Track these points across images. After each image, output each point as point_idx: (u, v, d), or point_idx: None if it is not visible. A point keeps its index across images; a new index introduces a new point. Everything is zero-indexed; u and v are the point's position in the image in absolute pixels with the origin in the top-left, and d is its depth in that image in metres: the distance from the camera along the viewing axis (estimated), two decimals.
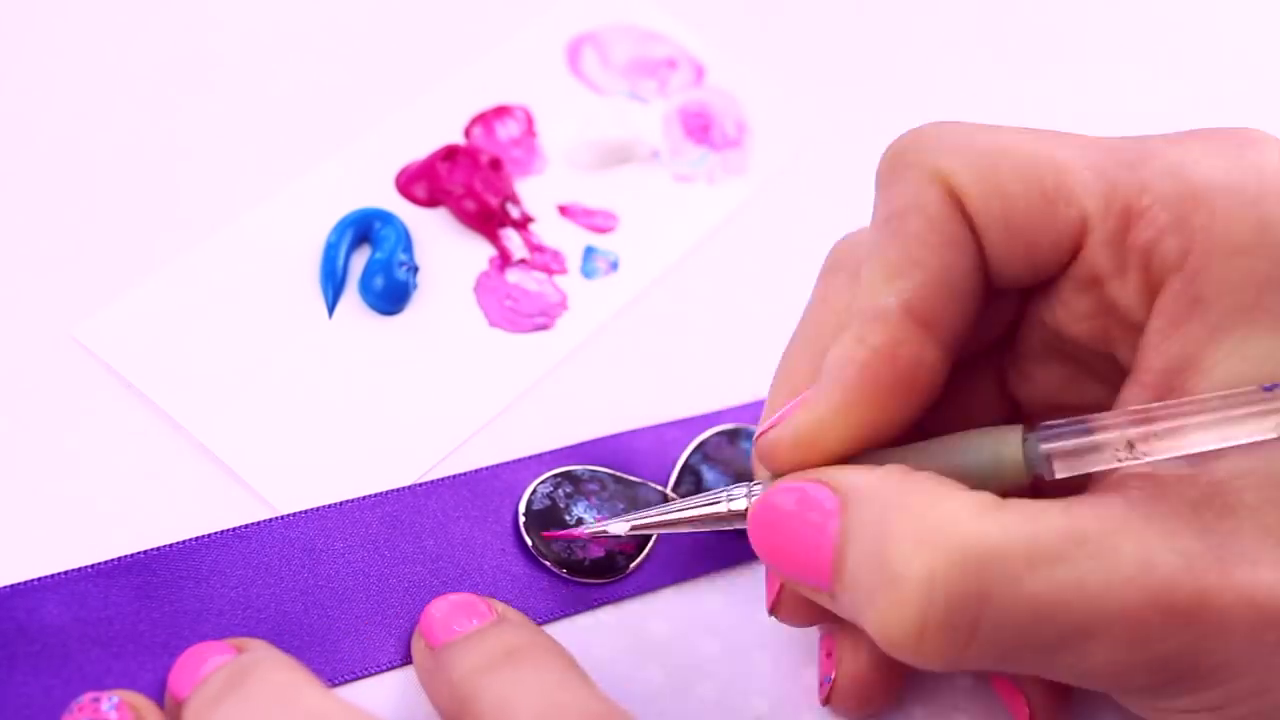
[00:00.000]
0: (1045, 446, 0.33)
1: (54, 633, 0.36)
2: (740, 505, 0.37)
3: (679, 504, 0.38)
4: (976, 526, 0.31)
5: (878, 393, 0.34)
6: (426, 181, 0.46)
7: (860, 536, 0.32)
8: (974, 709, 0.40)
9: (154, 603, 0.37)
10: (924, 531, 0.31)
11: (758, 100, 0.51)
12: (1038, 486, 0.34)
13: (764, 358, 0.45)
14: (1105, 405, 0.34)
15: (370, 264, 0.44)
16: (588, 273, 0.46)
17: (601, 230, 0.47)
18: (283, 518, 0.39)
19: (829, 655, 0.39)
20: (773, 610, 0.38)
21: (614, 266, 0.46)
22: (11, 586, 0.36)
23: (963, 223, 0.34)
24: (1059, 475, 0.33)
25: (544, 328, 0.45)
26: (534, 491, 0.41)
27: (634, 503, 0.41)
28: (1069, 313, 0.35)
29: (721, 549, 0.41)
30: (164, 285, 0.43)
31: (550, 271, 0.46)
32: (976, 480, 0.33)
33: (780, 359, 0.39)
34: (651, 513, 0.38)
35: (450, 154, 0.46)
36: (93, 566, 0.37)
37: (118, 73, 0.46)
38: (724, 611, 0.41)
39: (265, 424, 0.41)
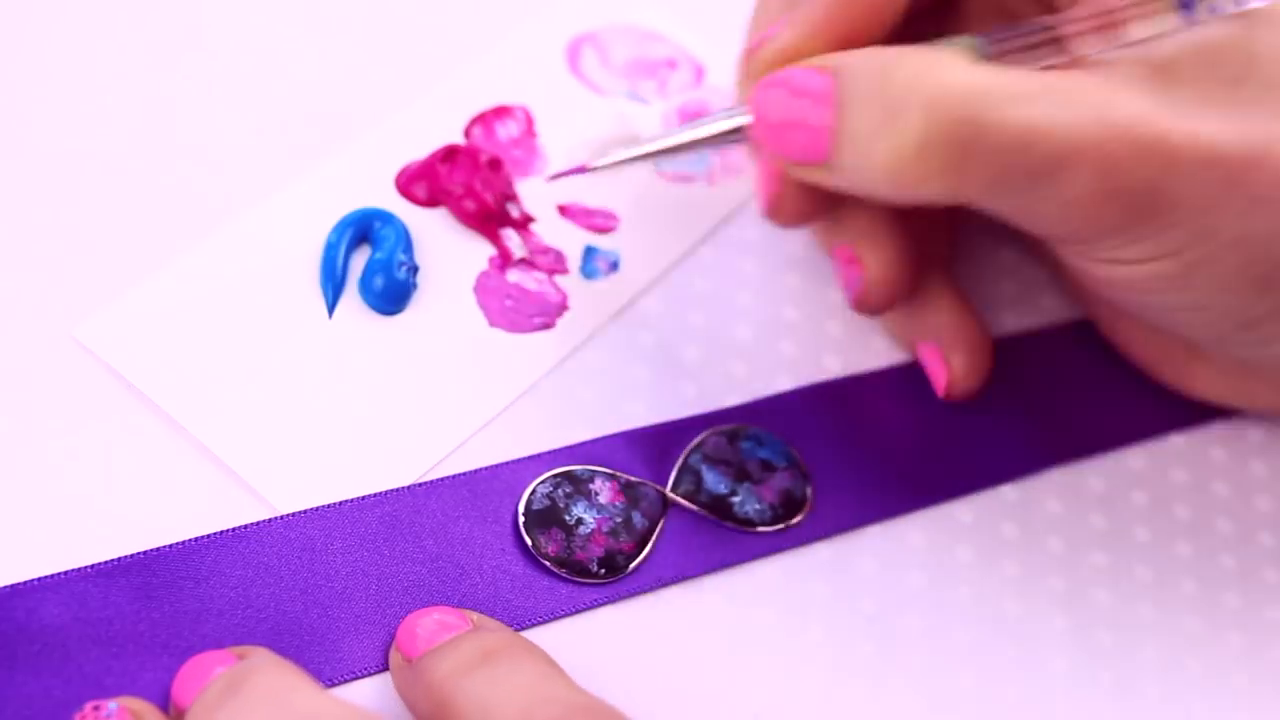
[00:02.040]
0: (995, 47, 0.38)
1: (54, 633, 0.36)
2: (736, 120, 0.41)
3: (676, 130, 0.42)
4: (966, 69, 0.36)
5: (858, 2, 0.39)
6: (426, 181, 0.46)
7: (858, 93, 0.37)
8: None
9: (154, 603, 0.37)
10: (919, 73, 0.36)
11: None
12: None
13: (764, 358, 0.45)
14: None
15: (370, 264, 0.44)
16: (588, 273, 0.46)
17: (601, 230, 0.47)
18: (283, 518, 0.39)
19: (849, 261, 0.43)
20: (770, 212, 0.42)
21: (614, 266, 0.46)
22: (11, 586, 0.36)
23: None
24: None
25: (544, 328, 0.45)
26: (534, 491, 0.41)
27: (634, 503, 0.41)
28: None
29: (721, 549, 0.41)
30: (164, 285, 0.43)
31: (550, 271, 0.46)
32: None
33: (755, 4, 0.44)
34: (654, 140, 0.42)
35: (450, 154, 0.46)
36: (93, 566, 0.37)
37: (117, 72, 0.46)
38: (724, 611, 0.41)
39: (265, 424, 0.41)
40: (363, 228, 0.44)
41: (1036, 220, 0.38)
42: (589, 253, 0.46)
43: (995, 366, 0.45)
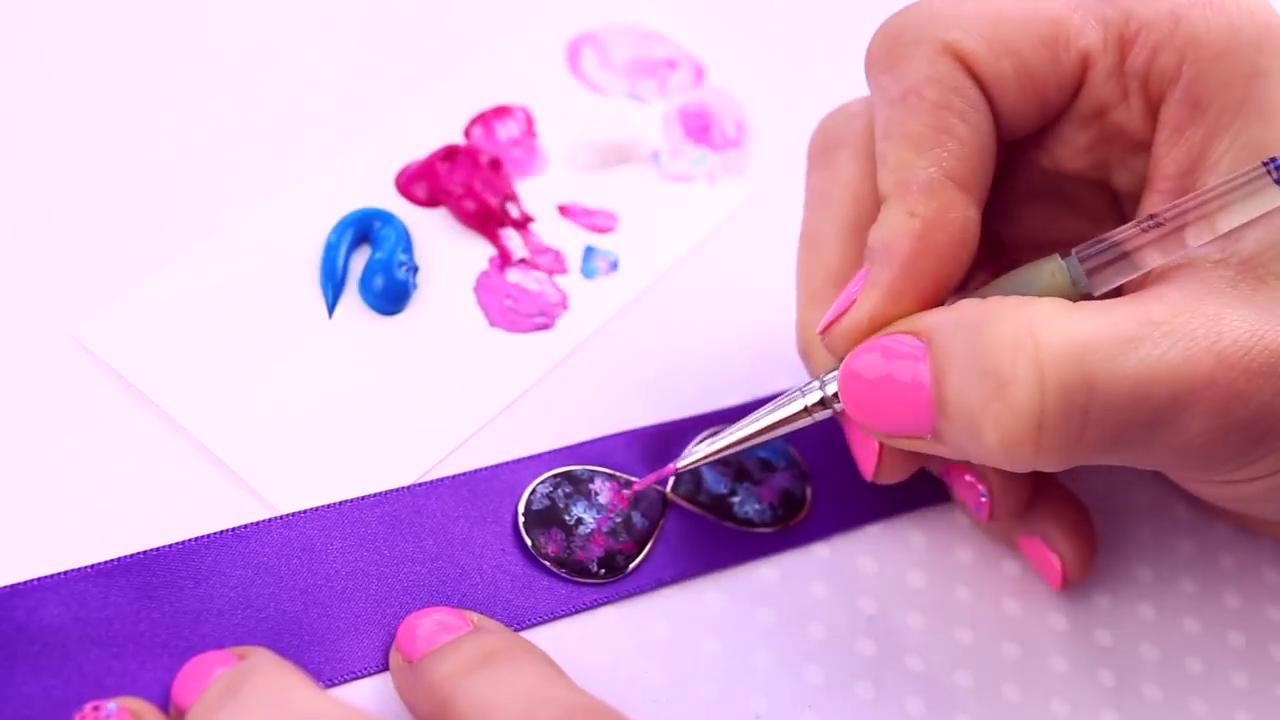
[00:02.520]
0: (1085, 265, 0.36)
1: (54, 633, 0.36)
2: (815, 397, 0.38)
3: (751, 417, 0.39)
4: (1066, 322, 0.34)
5: (936, 260, 0.36)
6: (426, 181, 0.46)
7: (956, 362, 0.34)
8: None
9: (154, 603, 0.37)
10: (1020, 336, 0.33)
11: (758, 100, 0.51)
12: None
13: (764, 358, 0.45)
14: (1086, 236, 0.37)
15: (370, 264, 0.44)
16: (588, 273, 0.46)
17: (601, 230, 0.47)
18: (283, 518, 0.39)
19: (970, 480, 0.41)
20: (874, 476, 0.40)
21: (614, 266, 0.46)
22: (11, 586, 0.36)
23: (977, 87, 0.37)
24: (1100, 290, 0.36)
25: (544, 328, 0.45)
26: (534, 491, 0.41)
27: (634, 503, 0.41)
28: (1068, 150, 0.39)
29: (721, 549, 0.41)
30: (164, 285, 0.43)
31: (550, 271, 0.46)
32: None
33: (800, 248, 0.41)
34: (729, 433, 0.40)
35: (450, 154, 0.46)
36: (93, 566, 0.37)
37: (117, 72, 0.46)
38: (724, 611, 0.41)
39: (265, 424, 0.41)
40: (363, 228, 0.44)
41: (1150, 462, 0.36)
42: (589, 253, 0.46)
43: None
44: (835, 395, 0.38)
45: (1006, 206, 0.40)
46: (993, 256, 0.40)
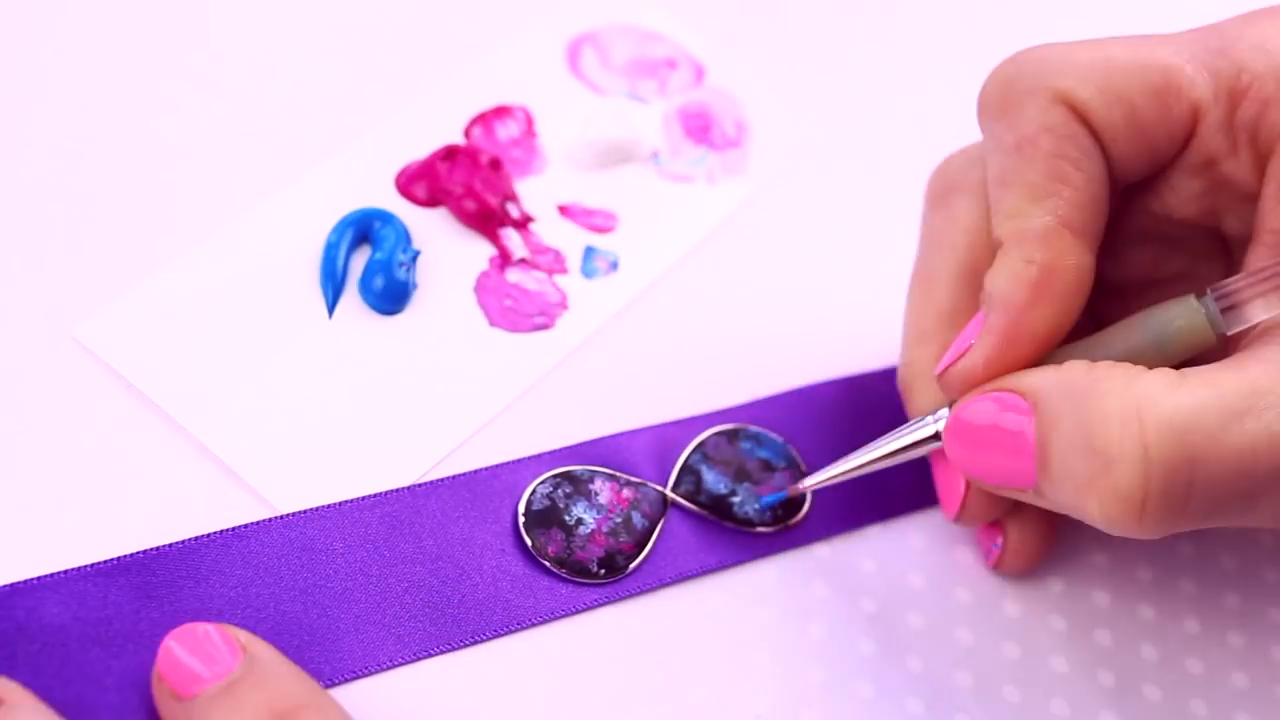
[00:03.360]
0: (1222, 301, 0.36)
1: (54, 632, 0.36)
2: (929, 431, 0.39)
3: (869, 447, 0.40)
4: (1172, 399, 0.34)
5: (1051, 305, 0.37)
6: (426, 181, 0.46)
7: (1063, 432, 0.35)
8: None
9: (154, 603, 0.37)
10: (1126, 413, 0.34)
11: (758, 100, 0.51)
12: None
13: (764, 358, 0.45)
14: (1191, 276, 0.39)
15: (370, 264, 0.44)
16: (588, 273, 0.46)
17: (601, 230, 0.47)
18: (282, 518, 0.39)
19: (992, 527, 0.42)
20: (957, 518, 0.41)
21: (614, 266, 0.46)
22: (11, 586, 0.36)
23: (1090, 136, 0.37)
24: (1231, 331, 0.36)
25: (544, 328, 0.45)
26: (534, 491, 0.41)
27: (634, 503, 0.41)
28: (1178, 196, 0.39)
29: (721, 549, 0.41)
30: (164, 285, 0.43)
31: (550, 271, 0.46)
32: (1152, 356, 0.36)
33: (911, 287, 0.42)
34: (847, 461, 0.40)
35: (450, 154, 0.46)
36: (92, 566, 0.37)
37: (118, 72, 0.46)
38: (724, 611, 0.41)
39: (265, 424, 0.41)
40: (363, 228, 0.44)
41: (1252, 523, 0.36)
42: (589, 253, 0.46)
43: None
44: (937, 434, 0.39)
45: (1115, 248, 0.40)
46: (1099, 296, 0.40)
